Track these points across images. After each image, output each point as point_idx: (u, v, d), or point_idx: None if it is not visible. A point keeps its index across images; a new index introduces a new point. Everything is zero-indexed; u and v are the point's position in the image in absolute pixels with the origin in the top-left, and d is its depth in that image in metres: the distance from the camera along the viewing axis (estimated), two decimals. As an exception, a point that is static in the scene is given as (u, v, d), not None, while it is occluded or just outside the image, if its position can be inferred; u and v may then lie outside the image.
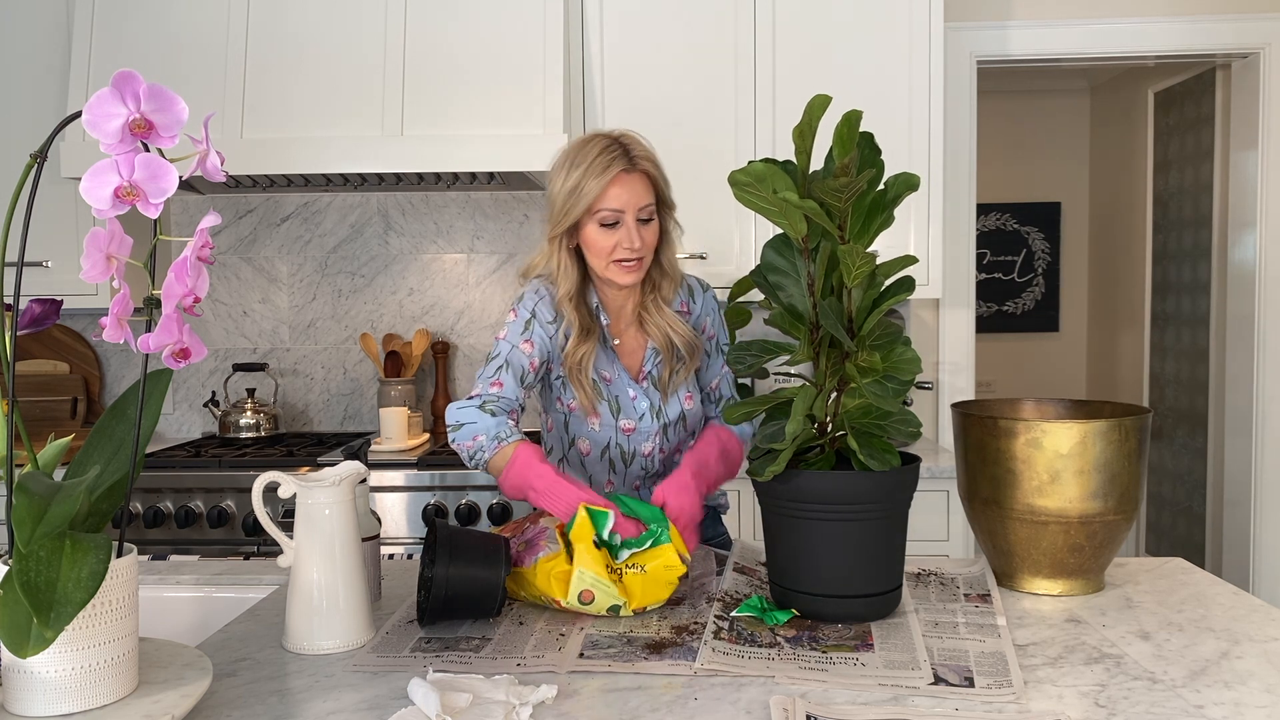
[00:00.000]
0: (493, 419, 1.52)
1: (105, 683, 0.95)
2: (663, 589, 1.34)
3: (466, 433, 1.53)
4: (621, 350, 1.69)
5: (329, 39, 2.69)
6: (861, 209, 1.27)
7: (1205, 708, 1.02)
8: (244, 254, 3.18)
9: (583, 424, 1.67)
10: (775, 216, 1.27)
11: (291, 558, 1.23)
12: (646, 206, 1.57)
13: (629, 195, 1.55)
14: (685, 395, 1.70)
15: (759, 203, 1.26)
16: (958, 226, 3.08)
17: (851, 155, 1.20)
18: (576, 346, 1.61)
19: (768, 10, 2.73)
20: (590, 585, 1.30)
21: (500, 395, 1.56)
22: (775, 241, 1.37)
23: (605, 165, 1.54)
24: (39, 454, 0.99)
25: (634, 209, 1.56)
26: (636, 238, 1.56)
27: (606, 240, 1.56)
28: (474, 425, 1.53)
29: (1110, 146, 4.88)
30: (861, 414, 1.32)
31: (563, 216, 1.57)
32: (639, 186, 1.56)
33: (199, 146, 0.97)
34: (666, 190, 1.62)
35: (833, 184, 1.20)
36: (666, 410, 1.68)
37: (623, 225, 1.56)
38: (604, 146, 1.55)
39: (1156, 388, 4.34)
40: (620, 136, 1.58)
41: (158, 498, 2.57)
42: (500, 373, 1.58)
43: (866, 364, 1.27)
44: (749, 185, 1.24)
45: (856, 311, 1.30)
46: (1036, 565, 1.41)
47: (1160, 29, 3.08)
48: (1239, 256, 3.35)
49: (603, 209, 1.55)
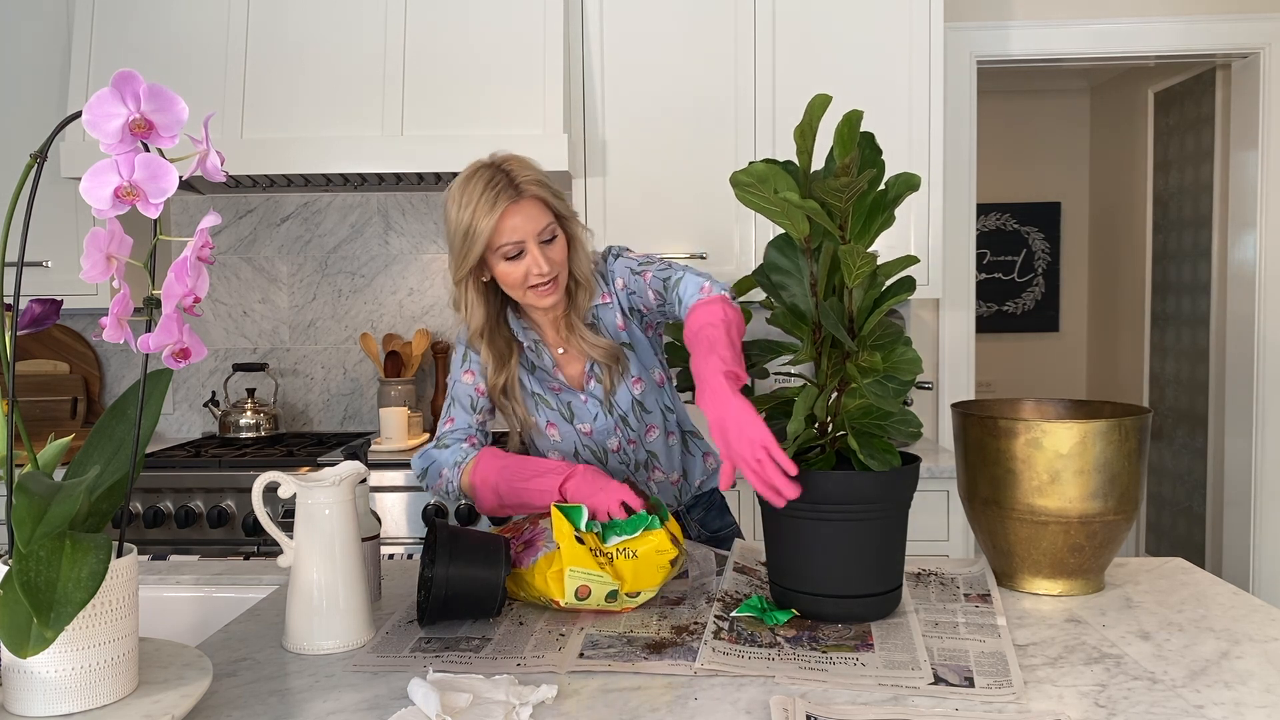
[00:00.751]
0: (447, 451, 1.63)
1: (105, 683, 0.95)
2: (655, 573, 1.35)
3: (432, 475, 1.63)
4: (565, 360, 1.68)
5: (329, 39, 2.69)
6: (862, 209, 1.27)
7: (1205, 708, 1.02)
8: (244, 254, 3.18)
9: (542, 439, 1.70)
10: (777, 217, 1.27)
11: (291, 558, 1.24)
12: (546, 228, 1.54)
13: (525, 223, 1.51)
14: (632, 380, 1.68)
15: (761, 203, 1.26)
16: (958, 226, 3.08)
17: (852, 155, 1.20)
18: (495, 376, 1.65)
19: (767, 10, 2.73)
20: (583, 580, 1.30)
21: (452, 430, 1.66)
22: (778, 241, 1.37)
23: (492, 201, 1.49)
24: (39, 454, 0.99)
25: (533, 235, 1.52)
26: (543, 262, 1.53)
27: (516, 270, 1.54)
28: (434, 465, 1.63)
29: (1110, 146, 4.88)
30: (862, 414, 1.32)
31: (463, 259, 1.54)
32: (532, 211, 1.52)
33: (199, 146, 0.97)
34: (561, 204, 1.57)
35: (834, 184, 1.20)
36: (616, 402, 1.67)
37: (527, 253, 1.53)
38: (487, 181, 1.51)
39: (1156, 388, 4.34)
40: (502, 164, 1.53)
41: (158, 498, 2.57)
42: (449, 409, 1.68)
43: (867, 364, 1.27)
44: (751, 186, 1.25)
45: (858, 311, 1.30)
46: (1036, 565, 1.41)
47: (1160, 29, 3.08)
48: (1239, 256, 3.35)
49: (502, 244, 1.51)
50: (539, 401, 1.68)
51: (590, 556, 1.32)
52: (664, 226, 2.76)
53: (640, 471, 1.73)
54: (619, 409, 1.67)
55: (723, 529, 1.83)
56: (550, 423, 1.68)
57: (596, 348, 1.64)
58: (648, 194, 2.77)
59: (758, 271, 1.40)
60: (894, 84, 2.73)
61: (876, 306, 1.29)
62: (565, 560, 1.31)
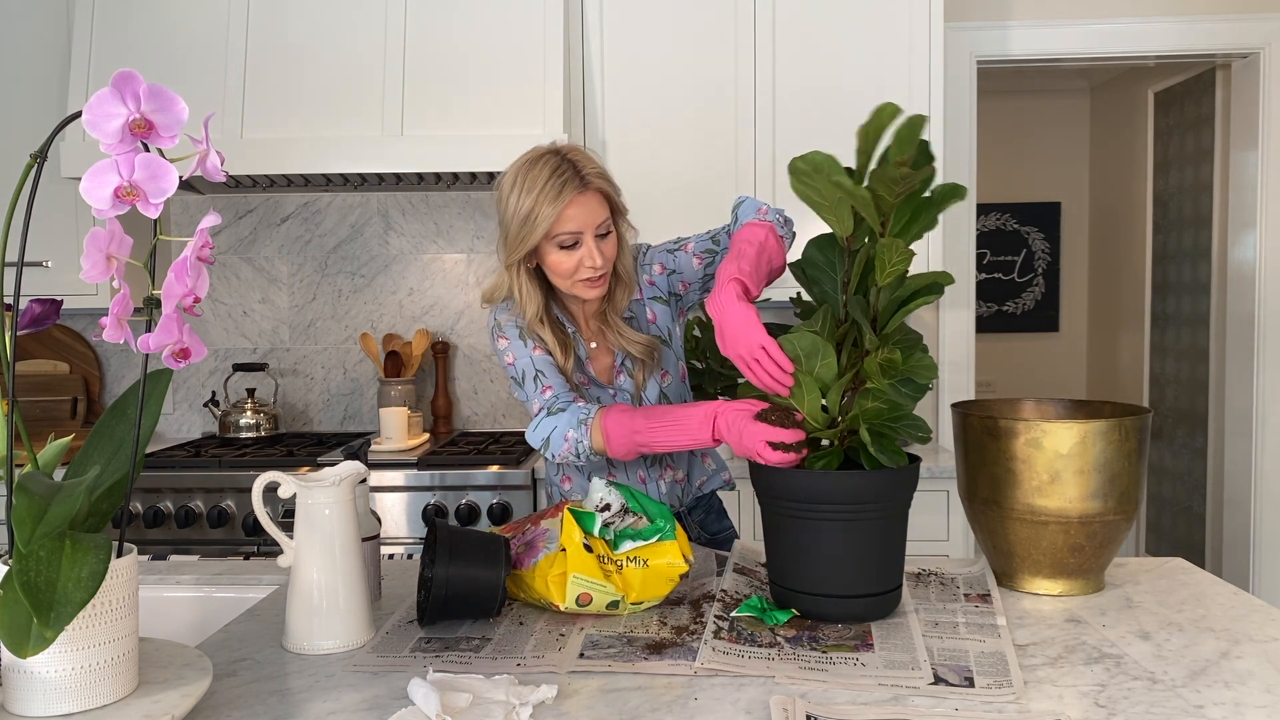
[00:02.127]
0: (564, 414, 1.53)
1: (105, 683, 0.95)
2: (662, 585, 1.34)
3: (556, 441, 1.53)
4: (595, 354, 1.70)
5: (329, 39, 2.69)
6: (907, 208, 1.28)
7: (1205, 708, 1.02)
8: (244, 254, 3.18)
9: None
10: (825, 211, 1.28)
11: (291, 558, 1.23)
12: (604, 222, 1.55)
13: (586, 215, 1.52)
14: (661, 373, 1.70)
15: (813, 194, 1.27)
16: (958, 226, 3.08)
17: (909, 154, 1.21)
18: (563, 359, 1.62)
19: (767, 11, 2.73)
20: (585, 588, 1.30)
21: (556, 396, 1.57)
22: (819, 239, 1.39)
23: (559, 189, 1.49)
24: (39, 454, 0.99)
25: (591, 228, 1.53)
26: (598, 256, 1.53)
27: (568, 261, 1.54)
28: (555, 430, 1.53)
29: (1110, 146, 4.88)
30: (876, 415, 1.33)
31: (519, 244, 1.53)
32: (594, 204, 1.53)
33: (199, 146, 0.97)
34: (619, 198, 1.59)
35: (892, 173, 1.20)
36: (645, 397, 1.68)
37: (582, 245, 1.53)
38: (554, 168, 1.51)
39: (1156, 388, 4.35)
40: (568, 154, 1.54)
41: (158, 498, 2.57)
42: (540, 379, 1.59)
43: (887, 361, 1.28)
44: (806, 174, 1.25)
45: (882, 310, 1.31)
46: (1036, 565, 1.41)
47: (1160, 29, 3.08)
48: (1239, 256, 3.35)
49: (561, 233, 1.52)
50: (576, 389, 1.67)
51: (596, 564, 1.31)
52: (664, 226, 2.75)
53: (654, 469, 1.73)
54: (647, 399, 1.68)
55: (721, 532, 1.83)
56: None
57: (636, 343, 1.65)
58: (648, 194, 2.76)
59: (795, 265, 1.43)
60: (894, 84, 2.73)
61: (901, 308, 1.30)
62: (570, 566, 1.31)
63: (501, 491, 2.53)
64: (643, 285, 1.69)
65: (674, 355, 1.73)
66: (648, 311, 1.70)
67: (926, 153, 1.29)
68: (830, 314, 1.36)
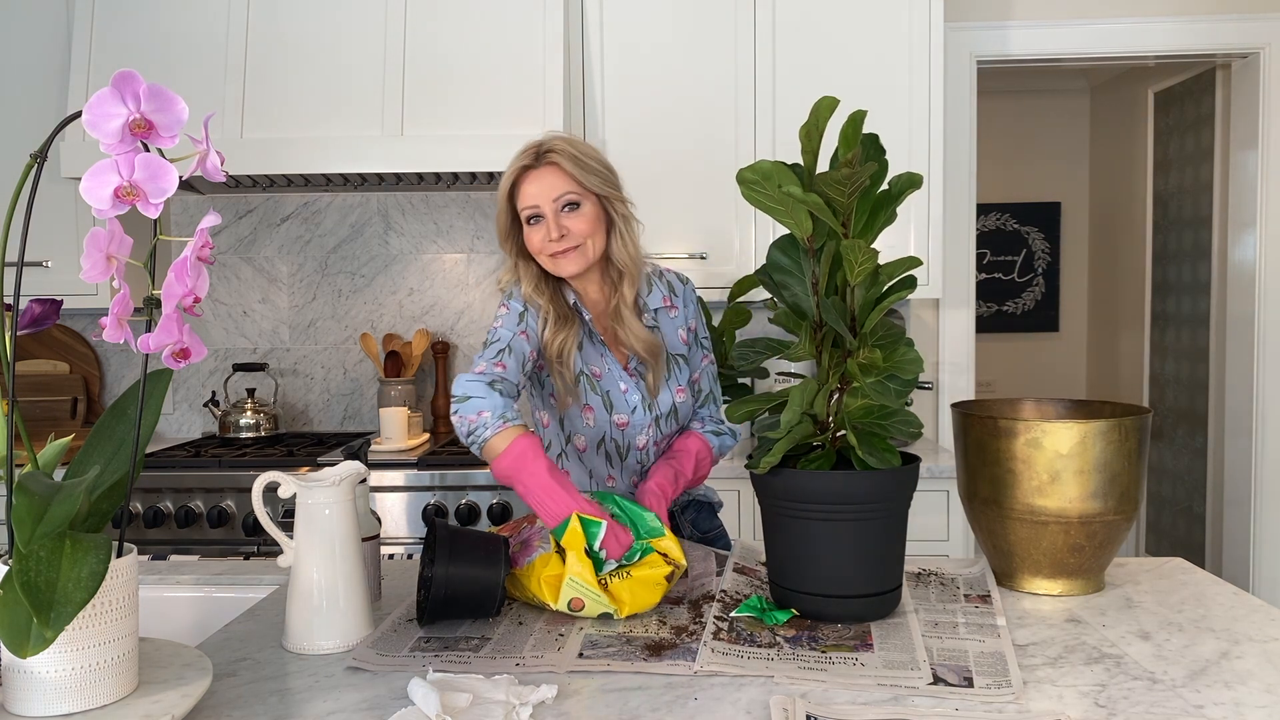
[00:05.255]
0: (500, 399, 1.49)
1: (105, 683, 0.95)
2: (652, 592, 1.33)
3: (472, 406, 1.49)
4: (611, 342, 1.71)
5: (329, 39, 2.69)
6: (865, 206, 1.28)
7: (1205, 708, 1.02)
8: (244, 254, 3.18)
9: (578, 419, 1.67)
10: (781, 215, 1.27)
11: (291, 558, 1.24)
12: (563, 195, 1.59)
13: (538, 189, 1.59)
14: (676, 388, 1.71)
15: (765, 201, 1.26)
16: (958, 226, 3.08)
17: (855, 151, 1.20)
18: (555, 334, 1.62)
19: (768, 11, 2.73)
20: (580, 593, 1.30)
21: (504, 377, 1.54)
22: (781, 242, 1.37)
23: (517, 168, 1.61)
24: (39, 454, 0.99)
25: (548, 200, 1.59)
26: (555, 228, 1.59)
27: (535, 235, 1.61)
28: (482, 400, 1.49)
29: (1110, 146, 4.88)
30: (864, 413, 1.32)
31: (498, 221, 1.66)
32: (551, 179, 1.59)
33: (199, 146, 0.97)
34: (591, 178, 1.60)
35: (836, 175, 1.20)
36: (658, 403, 1.69)
37: (545, 218, 1.60)
38: (522, 151, 1.62)
39: (1156, 388, 4.34)
40: (545, 139, 1.62)
41: (158, 498, 2.57)
42: (503, 356, 1.56)
43: (868, 361, 1.27)
44: (755, 183, 1.25)
45: (859, 309, 1.30)
46: (1036, 565, 1.41)
47: (1160, 29, 3.08)
48: (1239, 256, 3.35)
49: (523, 208, 1.61)
50: (586, 379, 1.67)
51: (594, 574, 1.31)
52: (665, 226, 2.76)
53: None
54: (659, 408, 1.69)
55: (711, 530, 1.84)
56: (589, 406, 1.66)
57: (638, 339, 1.66)
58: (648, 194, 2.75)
59: (760, 271, 1.41)
60: (894, 84, 2.73)
61: (877, 304, 1.29)
62: (569, 569, 1.30)
63: (501, 491, 2.53)
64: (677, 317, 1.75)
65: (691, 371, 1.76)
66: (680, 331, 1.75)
67: (876, 146, 1.29)
68: (808, 327, 1.35)
